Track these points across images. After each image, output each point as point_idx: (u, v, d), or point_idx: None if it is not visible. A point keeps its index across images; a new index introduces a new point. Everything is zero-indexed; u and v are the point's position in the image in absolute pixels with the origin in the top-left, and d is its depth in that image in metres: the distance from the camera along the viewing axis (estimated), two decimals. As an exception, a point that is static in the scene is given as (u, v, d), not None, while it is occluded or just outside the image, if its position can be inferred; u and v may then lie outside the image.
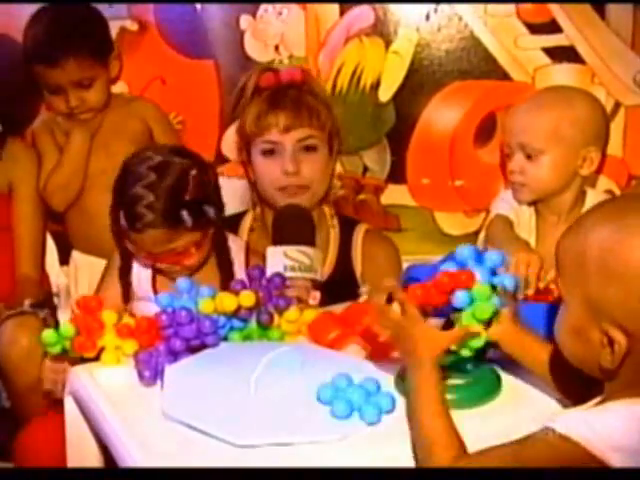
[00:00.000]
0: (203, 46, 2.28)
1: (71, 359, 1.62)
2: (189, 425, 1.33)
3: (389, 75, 2.25)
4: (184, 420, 1.34)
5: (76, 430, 1.57)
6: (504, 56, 2.22)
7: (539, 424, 1.20)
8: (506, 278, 1.38)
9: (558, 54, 2.22)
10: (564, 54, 2.21)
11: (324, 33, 2.24)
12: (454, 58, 2.22)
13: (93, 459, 1.58)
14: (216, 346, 1.55)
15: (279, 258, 1.76)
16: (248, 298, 1.57)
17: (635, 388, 1.14)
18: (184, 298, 1.57)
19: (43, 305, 2.13)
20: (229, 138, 2.19)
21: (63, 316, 2.12)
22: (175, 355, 1.51)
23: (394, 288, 1.34)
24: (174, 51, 2.29)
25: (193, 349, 1.53)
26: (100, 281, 1.92)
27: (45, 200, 2.21)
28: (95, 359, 1.56)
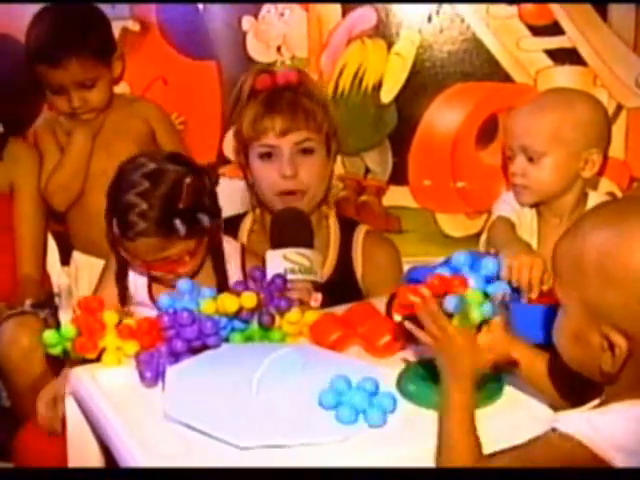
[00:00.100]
0: (205, 47, 2.27)
1: (71, 363, 1.62)
2: (191, 426, 1.33)
3: (391, 76, 2.25)
4: (186, 421, 1.34)
5: (77, 431, 1.57)
6: (506, 58, 2.22)
7: (539, 425, 1.20)
8: (499, 286, 1.38)
9: (560, 56, 2.21)
10: (566, 56, 2.21)
11: (326, 34, 2.24)
12: (456, 60, 2.22)
13: (94, 460, 1.58)
14: (217, 347, 1.55)
15: (278, 261, 1.76)
16: (249, 299, 1.57)
17: (636, 390, 1.14)
18: (185, 299, 1.57)
19: (44, 305, 2.13)
20: (230, 139, 2.19)
21: (64, 316, 2.12)
22: (176, 356, 1.51)
23: (428, 302, 1.31)
24: (176, 52, 2.29)
25: (194, 350, 1.53)
26: (97, 284, 1.91)
27: (46, 200, 2.21)
28: (96, 360, 1.57)
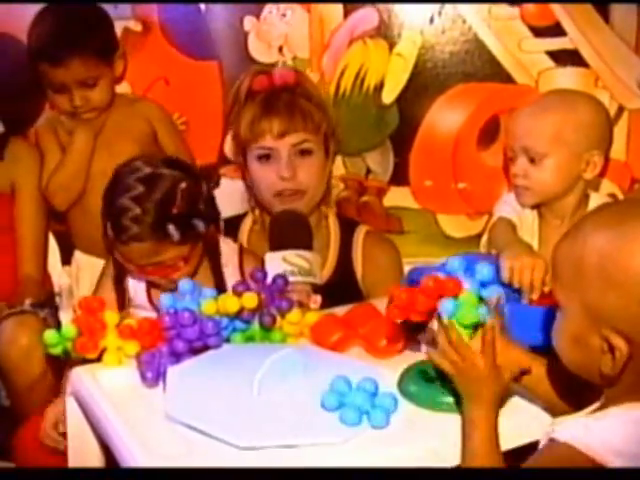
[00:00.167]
0: (207, 47, 2.27)
1: (72, 364, 1.62)
2: (192, 427, 1.33)
3: (393, 77, 2.24)
4: (187, 422, 1.34)
5: (78, 431, 1.58)
6: (508, 59, 2.21)
7: (539, 427, 1.20)
8: (494, 290, 1.37)
9: (562, 57, 2.21)
10: (568, 57, 2.20)
11: (328, 35, 2.24)
12: (458, 61, 2.22)
13: (95, 460, 1.59)
14: (219, 347, 1.55)
15: (278, 263, 1.76)
16: (251, 300, 1.57)
17: (635, 393, 1.14)
18: (186, 299, 1.57)
19: (44, 305, 2.13)
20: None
21: (65, 316, 2.12)
22: (177, 356, 1.51)
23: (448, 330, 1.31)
24: (178, 52, 2.28)
25: (195, 350, 1.53)
26: (95, 288, 1.92)
27: (47, 200, 2.21)
28: (97, 360, 1.57)
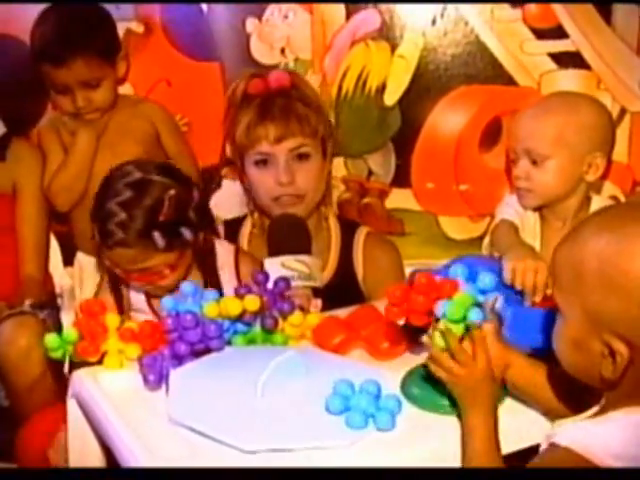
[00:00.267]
0: (209, 48, 2.27)
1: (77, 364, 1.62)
2: (195, 430, 1.33)
3: (395, 79, 2.24)
4: (190, 425, 1.34)
5: (79, 433, 1.57)
6: (510, 61, 2.21)
7: (539, 429, 1.20)
8: (492, 294, 1.37)
9: (564, 59, 2.20)
10: (570, 59, 2.20)
11: (330, 36, 2.23)
12: (460, 63, 2.22)
13: (96, 462, 1.58)
14: (221, 350, 1.55)
15: (277, 269, 1.75)
16: (253, 302, 1.57)
17: (635, 397, 1.14)
18: (188, 302, 1.57)
19: (44, 306, 2.12)
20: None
21: (66, 318, 2.12)
22: (180, 359, 1.51)
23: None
24: (180, 53, 2.28)
25: (197, 353, 1.53)
26: (96, 291, 1.92)
27: (49, 200, 2.21)
28: (98, 362, 1.56)
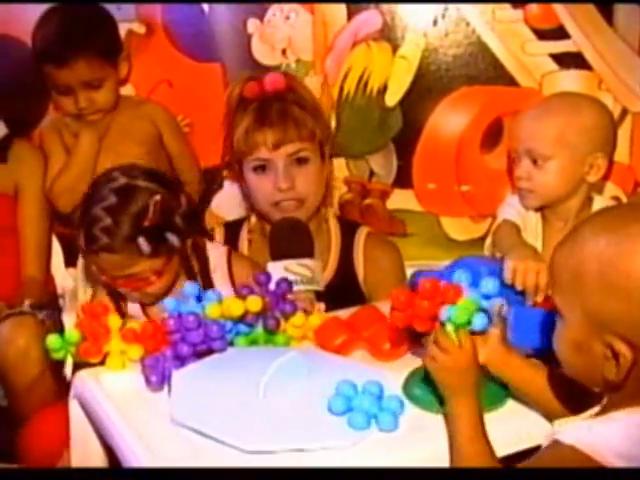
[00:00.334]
0: (210, 49, 2.27)
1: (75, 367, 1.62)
2: (197, 430, 1.33)
3: (396, 80, 2.24)
4: (192, 425, 1.34)
5: (81, 433, 1.58)
6: (511, 62, 2.21)
7: (540, 430, 1.20)
8: (496, 299, 1.38)
9: (565, 60, 2.20)
10: (571, 60, 2.20)
11: (331, 37, 2.23)
12: (461, 63, 2.22)
13: (98, 463, 1.58)
14: (223, 351, 1.55)
15: (280, 273, 1.75)
16: (255, 303, 1.57)
17: (638, 397, 1.14)
18: (190, 303, 1.57)
19: (43, 306, 2.12)
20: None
21: (68, 319, 2.12)
22: (182, 360, 1.51)
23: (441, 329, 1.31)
24: (181, 54, 2.29)
25: (200, 354, 1.53)
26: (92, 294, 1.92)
27: (51, 202, 2.21)
28: (100, 363, 1.57)
